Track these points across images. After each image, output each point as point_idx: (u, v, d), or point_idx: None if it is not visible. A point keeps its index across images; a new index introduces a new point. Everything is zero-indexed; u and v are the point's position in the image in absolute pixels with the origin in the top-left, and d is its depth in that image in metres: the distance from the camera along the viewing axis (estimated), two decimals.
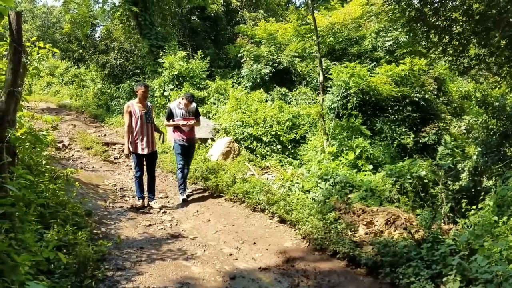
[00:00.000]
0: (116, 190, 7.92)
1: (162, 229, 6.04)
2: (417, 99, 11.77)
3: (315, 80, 13.51)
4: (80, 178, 7.72)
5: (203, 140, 10.37)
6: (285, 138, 10.36)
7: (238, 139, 10.39)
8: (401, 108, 11.78)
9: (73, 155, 10.18)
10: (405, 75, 12.05)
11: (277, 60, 13.85)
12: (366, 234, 5.58)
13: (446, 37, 8.23)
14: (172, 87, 13.31)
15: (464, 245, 4.25)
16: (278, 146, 10.32)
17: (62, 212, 5.10)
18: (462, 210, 6.32)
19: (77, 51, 20.19)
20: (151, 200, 7.04)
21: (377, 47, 14.23)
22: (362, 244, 5.28)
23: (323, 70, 10.39)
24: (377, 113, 11.75)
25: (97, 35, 22.20)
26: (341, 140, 9.67)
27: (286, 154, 10.34)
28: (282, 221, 6.32)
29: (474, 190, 10.13)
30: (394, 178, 7.66)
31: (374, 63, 13.43)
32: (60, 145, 10.64)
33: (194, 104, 7.45)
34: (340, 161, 8.97)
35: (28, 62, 3.94)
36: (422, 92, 11.97)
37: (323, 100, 10.24)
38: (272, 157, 10.03)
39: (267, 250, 5.43)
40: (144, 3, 15.36)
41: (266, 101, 12.22)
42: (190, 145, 7.48)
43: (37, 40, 5.21)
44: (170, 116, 7.34)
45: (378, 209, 6.16)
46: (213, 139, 10.53)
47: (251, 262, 5.06)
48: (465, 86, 14.76)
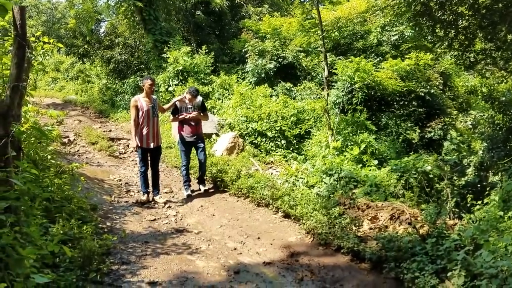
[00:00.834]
0: (121, 185, 7.96)
1: (167, 223, 6.07)
2: (422, 94, 11.72)
3: (320, 75, 13.45)
4: (85, 173, 7.75)
5: (208, 135, 10.37)
6: (289, 133, 10.34)
7: (242, 134, 10.38)
8: (406, 103, 11.72)
9: (78, 150, 10.23)
10: (410, 70, 12.00)
11: (281, 55, 13.78)
12: (371, 229, 5.57)
13: (452, 31, 8.18)
14: (176, 82, 13.29)
15: (469, 240, 4.23)
16: (283, 141, 10.29)
17: (68, 206, 5.13)
18: (468, 205, 6.28)
19: (82, 47, 20.24)
20: (156, 194, 7.06)
21: (382, 42, 14.15)
22: (366, 239, 5.27)
23: (328, 65, 10.33)
24: (382, 108, 11.70)
25: (102, 31, 22.19)
26: (346, 135, 9.64)
27: (291, 149, 10.31)
28: (287, 216, 6.32)
29: (479, 185, 10.10)
30: (399, 173, 7.63)
31: (380, 58, 13.36)
32: (65, 140, 10.69)
33: (200, 98, 7.42)
34: (344, 156, 8.94)
35: (32, 57, 3.95)
36: (428, 87, 11.90)
37: (328, 95, 10.19)
38: (276, 152, 10.02)
39: (271, 244, 5.44)
40: None
41: (271, 96, 12.19)
42: (197, 140, 7.42)
43: (42, 35, 5.21)
44: (175, 111, 7.35)
45: (383, 204, 6.14)
46: (217, 134, 10.53)
47: (255, 256, 5.07)
48: (471, 80, 14.64)
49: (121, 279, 4.20)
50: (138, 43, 18.38)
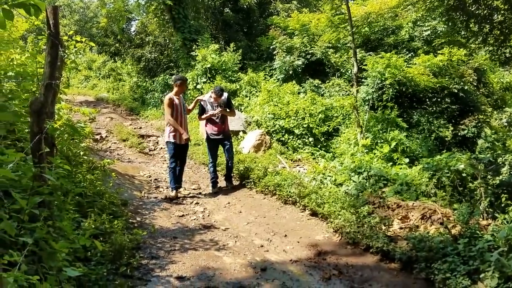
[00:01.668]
0: (150, 181, 8.09)
1: (195, 219, 6.13)
2: (456, 91, 11.35)
3: (349, 71, 13.24)
4: (116, 169, 7.92)
5: (235, 132, 10.40)
6: (317, 130, 10.24)
7: (269, 132, 10.36)
8: (439, 99, 11.40)
9: (110, 147, 10.48)
10: (443, 66, 11.65)
11: (310, 51, 13.65)
12: (401, 228, 5.45)
13: (487, 26, 7.89)
14: (204, 80, 13.40)
15: (503, 241, 4.07)
16: (310, 139, 10.20)
17: (99, 201, 5.26)
18: (502, 205, 6.05)
19: (113, 45, 20.66)
20: (179, 187, 7.27)
21: (414, 37, 13.78)
22: (396, 239, 5.16)
23: (358, 61, 10.16)
24: (414, 105, 11.42)
25: (132, 29, 22.63)
26: (375, 132, 9.46)
27: (319, 146, 10.20)
28: (314, 214, 6.26)
29: None
30: (431, 172, 7.42)
31: (411, 54, 13.03)
32: (97, 137, 10.97)
33: (225, 95, 7.45)
34: (374, 154, 8.77)
35: (65, 56, 4.05)
36: (461, 83, 11.52)
37: (357, 91, 10.02)
38: (304, 149, 9.93)
39: (298, 242, 5.41)
40: None
41: (299, 93, 12.09)
42: (224, 137, 7.48)
43: (74, 34, 5.34)
44: (202, 111, 7.49)
45: (413, 203, 5.99)
46: (244, 132, 10.54)
47: (282, 254, 5.05)
48: (506, 77, 14.11)
49: (150, 274, 4.27)
50: (167, 42, 18.63)
